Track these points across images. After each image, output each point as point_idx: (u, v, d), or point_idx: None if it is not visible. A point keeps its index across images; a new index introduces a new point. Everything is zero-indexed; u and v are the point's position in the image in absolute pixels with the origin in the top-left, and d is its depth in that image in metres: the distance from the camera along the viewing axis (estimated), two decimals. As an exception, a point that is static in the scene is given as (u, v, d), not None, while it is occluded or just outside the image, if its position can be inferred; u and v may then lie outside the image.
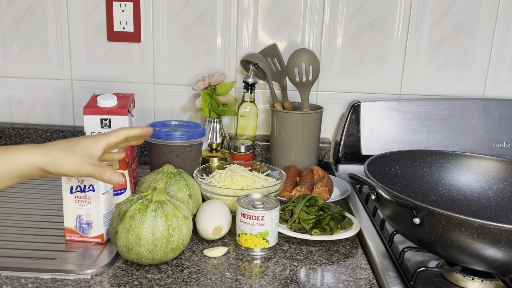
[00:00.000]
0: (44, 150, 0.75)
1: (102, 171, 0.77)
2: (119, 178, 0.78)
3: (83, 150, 0.78)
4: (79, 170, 0.76)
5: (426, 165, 1.07)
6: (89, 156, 0.78)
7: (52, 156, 0.75)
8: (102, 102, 1.04)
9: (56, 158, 0.75)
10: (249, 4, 1.35)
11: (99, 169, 0.77)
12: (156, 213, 0.83)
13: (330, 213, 1.00)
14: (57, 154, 0.75)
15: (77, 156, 0.77)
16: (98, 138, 0.81)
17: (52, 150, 0.76)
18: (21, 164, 0.74)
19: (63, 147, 0.77)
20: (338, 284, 0.84)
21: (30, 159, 0.74)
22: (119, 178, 0.78)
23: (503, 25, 1.35)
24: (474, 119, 1.34)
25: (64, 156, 0.76)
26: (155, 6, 1.36)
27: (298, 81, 1.27)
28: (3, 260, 0.86)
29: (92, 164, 0.77)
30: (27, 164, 0.74)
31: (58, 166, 0.75)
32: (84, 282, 0.81)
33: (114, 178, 0.78)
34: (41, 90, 1.43)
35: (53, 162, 0.75)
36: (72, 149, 0.77)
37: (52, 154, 0.75)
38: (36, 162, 0.74)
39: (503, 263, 0.75)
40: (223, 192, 1.03)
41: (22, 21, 1.38)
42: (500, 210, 1.01)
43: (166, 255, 0.84)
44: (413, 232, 0.83)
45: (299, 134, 1.27)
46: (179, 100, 1.43)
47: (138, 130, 0.86)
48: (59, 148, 0.76)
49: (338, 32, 1.37)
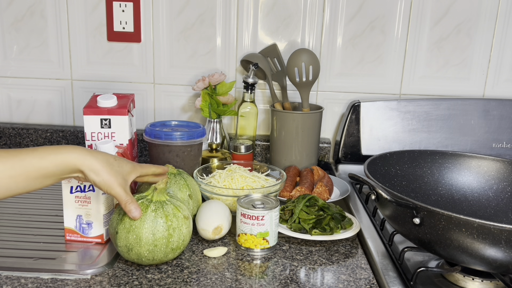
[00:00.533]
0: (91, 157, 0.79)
1: (128, 201, 0.82)
2: (138, 214, 0.82)
3: (122, 172, 0.82)
4: (111, 188, 0.80)
5: (426, 165, 1.07)
6: (124, 180, 0.82)
7: (98, 166, 0.79)
8: (102, 102, 1.04)
9: (100, 169, 0.79)
10: (249, 4, 1.35)
11: (127, 198, 0.82)
12: (157, 213, 0.83)
13: (330, 213, 1.00)
14: (103, 166, 0.79)
15: (117, 175, 0.81)
16: (136, 167, 0.86)
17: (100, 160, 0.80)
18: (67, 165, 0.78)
19: (109, 162, 0.81)
20: (338, 284, 0.84)
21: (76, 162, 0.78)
22: (138, 215, 0.82)
23: (503, 25, 1.35)
24: (474, 119, 1.34)
25: (107, 170, 0.80)
26: (155, 6, 1.36)
27: (298, 81, 1.27)
28: (3, 260, 0.86)
29: (124, 189, 0.81)
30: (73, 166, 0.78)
31: (98, 176, 0.79)
32: (84, 282, 0.81)
33: (135, 213, 0.82)
34: (41, 90, 1.43)
35: (96, 171, 0.79)
36: (116, 168, 0.81)
37: (98, 164, 0.79)
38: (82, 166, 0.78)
39: (503, 263, 0.75)
40: (223, 192, 1.03)
41: (22, 21, 1.38)
42: (500, 210, 1.01)
43: (166, 255, 0.84)
44: (413, 232, 0.83)
45: (299, 134, 1.27)
46: (179, 100, 1.43)
47: (164, 168, 0.92)
48: (106, 161, 0.81)
49: (338, 32, 1.37)
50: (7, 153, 0.75)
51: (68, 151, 0.78)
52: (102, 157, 0.80)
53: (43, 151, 0.77)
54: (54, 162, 0.77)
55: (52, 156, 0.77)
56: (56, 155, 0.77)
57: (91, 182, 0.80)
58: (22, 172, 0.75)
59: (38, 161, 0.76)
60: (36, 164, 0.76)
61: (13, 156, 0.75)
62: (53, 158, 0.76)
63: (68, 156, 0.77)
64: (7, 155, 0.75)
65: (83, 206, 0.91)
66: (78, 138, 1.41)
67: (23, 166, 0.75)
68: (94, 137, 1.05)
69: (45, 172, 0.76)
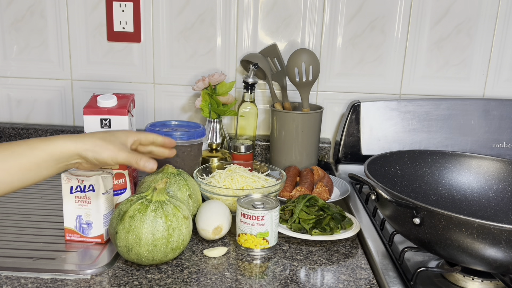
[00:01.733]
0: (82, 139, 0.79)
1: (138, 158, 0.82)
2: (153, 165, 0.82)
3: (118, 139, 0.82)
4: (116, 157, 0.80)
5: (426, 165, 1.07)
6: (123, 145, 0.82)
7: (91, 144, 0.79)
8: (102, 102, 1.04)
9: (95, 145, 0.79)
10: (249, 4, 1.35)
11: (135, 156, 0.82)
12: (156, 213, 0.83)
13: (330, 213, 1.00)
14: (95, 142, 0.79)
15: (115, 144, 0.81)
16: (129, 132, 0.87)
17: (90, 138, 0.80)
18: (61, 150, 0.77)
19: (100, 137, 0.81)
20: (338, 284, 0.84)
21: (70, 146, 0.77)
22: (154, 165, 0.82)
23: (503, 25, 1.35)
24: (474, 119, 1.34)
25: (102, 144, 0.80)
26: (155, 6, 1.36)
27: (298, 81, 1.27)
28: (3, 260, 0.86)
29: (128, 151, 0.81)
30: (67, 151, 0.77)
31: (96, 153, 0.79)
32: (84, 282, 0.81)
33: (149, 165, 0.82)
34: (41, 90, 1.43)
35: (92, 149, 0.78)
36: (109, 138, 0.81)
37: (90, 142, 0.79)
38: (76, 149, 0.78)
39: (503, 263, 0.75)
40: (223, 192, 1.03)
41: (22, 21, 1.38)
42: (500, 210, 1.01)
43: (166, 255, 0.84)
44: (413, 232, 0.83)
45: (299, 134, 1.27)
46: (179, 100, 1.43)
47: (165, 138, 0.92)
48: (97, 137, 0.80)
49: (338, 32, 1.37)
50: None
51: (60, 139, 0.78)
52: (93, 135, 0.81)
53: (34, 141, 0.76)
54: (47, 151, 0.76)
55: (43, 145, 0.76)
56: (48, 144, 0.76)
57: (93, 161, 0.80)
58: (14, 163, 0.74)
59: (30, 150, 0.75)
60: (28, 154, 0.75)
61: (4, 148, 0.75)
62: (45, 147, 0.76)
63: (60, 144, 0.77)
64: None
65: (83, 206, 0.91)
66: (78, 138, 1.41)
67: (14, 157, 0.74)
68: (94, 137, 1.05)
69: (39, 161, 0.75)
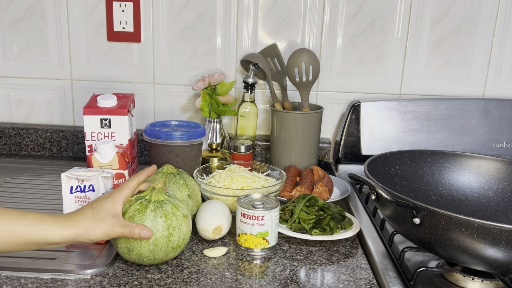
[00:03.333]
0: (75, 223, 0.79)
1: (132, 230, 0.81)
2: (148, 232, 0.81)
3: (108, 214, 0.81)
4: (110, 234, 0.80)
5: (426, 165, 1.07)
6: (115, 218, 0.81)
7: (83, 228, 0.78)
8: (102, 102, 1.05)
9: (87, 228, 0.79)
10: (249, 4, 1.35)
11: (128, 229, 0.81)
12: (156, 213, 0.83)
13: (330, 213, 1.00)
14: (88, 224, 0.79)
15: (105, 221, 0.80)
16: (116, 196, 0.84)
17: (81, 221, 0.79)
18: (55, 236, 0.77)
19: (90, 217, 0.80)
20: (338, 284, 0.84)
21: (64, 233, 0.77)
22: (149, 232, 0.81)
23: (503, 25, 1.35)
24: (474, 119, 1.34)
25: (94, 226, 0.79)
26: (155, 6, 1.36)
27: (298, 81, 1.27)
28: (3, 260, 0.85)
29: (120, 226, 0.81)
30: (61, 237, 0.77)
31: (90, 236, 0.79)
32: (84, 282, 0.81)
33: (144, 234, 0.81)
34: (41, 90, 1.43)
35: (85, 233, 0.78)
36: (98, 216, 0.80)
37: (82, 226, 0.79)
38: (70, 235, 0.78)
39: (503, 263, 0.75)
40: (223, 192, 1.03)
41: (22, 21, 1.38)
42: (500, 210, 1.01)
43: (167, 254, 0.84)
44: (413, 232, 0.83)
45: (299, 134, 1.27)
46: (179, 100, 1.43)
47: (146, 172, 0.90)
48: (88, 218, 0.80)
49: (338, 32, 1.37)
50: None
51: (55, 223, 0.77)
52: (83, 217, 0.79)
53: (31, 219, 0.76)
54: (41, 233, 0.76)
55: (39, 225, 0.76)
56: (43, 225, 0.76)
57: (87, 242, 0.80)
58: (6, 235, 0.74)
59: (25, 228, 0.75)
60: (23, 231, 0.75)
61: (1, 216, 0.75)
62: (39, 228, 0.76)
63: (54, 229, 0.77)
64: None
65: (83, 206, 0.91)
66: (78, 138, 1.41)
67: (9, 230, 0.74)
68: (94, 137, 1.05)
69: (30, 240, 0.76)
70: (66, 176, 0.91)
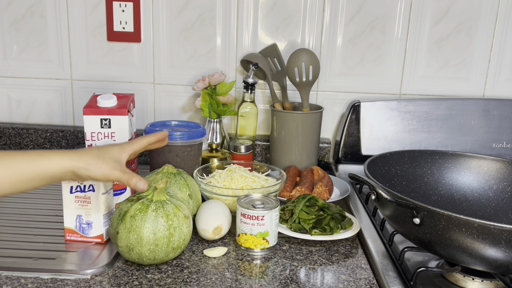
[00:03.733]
0: (77, 156, 0.79)
1: (130, 178, 0.82)
2: (144, 185, 0.83)
3: (112, 157, 0.82)
4: (108, 176, 0.81)
5: (426, 165, 1.07)
6: (117, 163, 0.82)
7: (84, 162, 0.79)
8: (102, 102, 1.04)
9: (88, 163, 0.79)
10: (249, 4, 1.35)
11: (126, 176, 0.82)
12: (157, 213, 0.83)
13: (330, 213, 1.00)
14: (89, 160, 0.79)
15: (108, 162, 0.81)
16: (124, 146, 0.86)
17: (84, 156, 0.80)
18: (55, 167, 0.77)
19: (94, 155, 0.81)
20: (338, 284, 0.84)
21: (64, 164, 0.78)
22: (145, 185, 0.83)
23: (503, 25, 1.35)
24: (474, 119, 1.34)
25: (95, 163, 0.79)
26: (155, 6, 1.36)
27: (298, 81, 1.27)
28: (3, 260, 0.86)
29: (120, 170, 0.81)
30: (61, 168, 0.77)
31: (89, 171, 0.79)
32: (84, 282, 0.81)
33: (140, 185, 0.82)
34: (41, 90, 1.43)
35: (85, 167, 0.79)
36: (102, 156, 0.81)
37: (84, 160, 0.79)
38: (70, 166, 0.78)
39: (503, 263, 0.75)
40: (223, 192, 1.03)
41: (22, 21, 1.38)
42: (500, 210, 1.01)
43: (167, 254, 0.84)
44: (413, 232, 0.83)
45: (299, 134, 1.27)
46: (179, 100, 1.43)
47: (157, 135, 0.93)
48: (91, 155, 0.80)
49: (338, 32, 1.37)
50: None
51: (55, 155, 0.78)
52: (87, 152, 0.81)
53: (30, 156, 0.77)
54: (42, 167, 0.77)
55: (39, 160, 0.77)
56: (44, 159, 0.77)
57: (87, 179, 0.80)
58: (9, 175, 0.75)
59: (27, 165, 0.76)
60: (24, 168, 0.76)
61: (1, 158, 0.75)
62: (40, 163, 0.77)
63: (56, 161, 0.77)
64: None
65: (83, 206, 0.91)
66: (78, 138, 1.41)
67: (10, 169, 0.75)
68: (94, 137, 1.05)
69: (33, 176, 0.76)
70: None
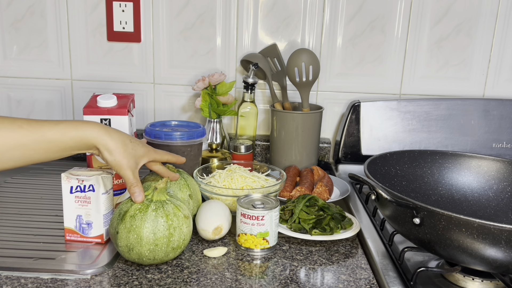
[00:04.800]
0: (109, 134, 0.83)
1: (134, 184, 0.84)
2: (141, 198, 0.84)
3: (135, 155, 0.86)
4: (120, 169, 0.84)
5: (426, 165, 1.07)
6: (135, 163, 0.86)
7: (113, 144, 0.83)
8: (102, 102, 1.04)
9: (116, 148, 0.83)
10: (249, 4, 1.35)
11: (133, 181, 0.85)
12: (157, 212, 0.83)
13: (330, 213, 1.00)
14: (117, 145, 0.83)
15: (128, 158, 0.84)
16: (150, 151, 0.89)
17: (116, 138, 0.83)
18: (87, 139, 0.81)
19: (125, 143, 0.84)
20: (338, 284, 0.84)
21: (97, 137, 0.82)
22: (141, 199, 0.84)
23: (503, 25, 1.35)
24: (474, 119, 1.34)
25: (121, 152, 0.83)
26: (155, 6, 1.36)
27: (298, 81, 1.27)
28: (3, 260, 0.85)
29: (132, 172, 0.84)
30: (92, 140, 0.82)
31: (112, 155, 0.83)
32: (84, 282, 0.81)
33: (138, 196, 0.84)
34: (41, 90, 1.43)
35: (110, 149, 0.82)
36: (129, 149, 0.84)
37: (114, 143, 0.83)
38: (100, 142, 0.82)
39: (503, 263, 0.75)
40: (223, 192, 1.03)
41: (22, 21, 1.38)
42: (500, 210, 1.01)
43: (167, 254, 0.84)
44: (413, 232, 0.83)
45: (299, 134, 1.27)
46: (179, 100, 1.43)
47: (179, 158, 0.97)
48: (122, 142, 0.84)
49: (338, 32, 1.37)
50: (30, 126, 0.78)
51: (88, 127, 0.81)
52: (118, 137, 0.84)
53: (64, 127, 0.80)
54: (75, 139, 0.80)
55: (73, 132, 0.80)
56: (77, 131, 0.81)
57: (104, 159, 0.83)
58: (44, 146, 0.79)
59: (60, 136, 0.80)
60: (58, 140, 0.80)
61: (36, 130, 0.79)
62: (73, 135, 0.80)
63: (87, 133, 0.81)
64: (30, 129, 0.78)
65: (83, 206, 0.91)
66: (78, 138, 1.41)
67: (45, 141, 0.79)
68: (94, 137, 1.05)
69: (65, 147, 0.81)
70: (66, 176, 0.91)
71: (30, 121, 0.79)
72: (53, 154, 0.81)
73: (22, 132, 0.77)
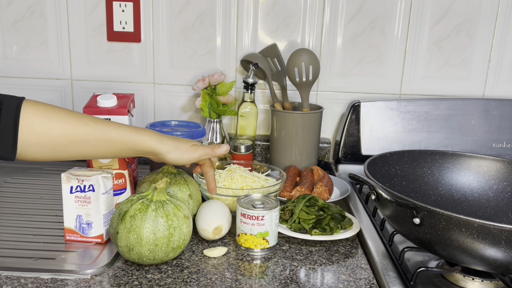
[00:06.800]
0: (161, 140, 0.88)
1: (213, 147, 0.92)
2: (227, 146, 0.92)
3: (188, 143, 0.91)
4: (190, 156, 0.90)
5: (426, 165, 1.07)
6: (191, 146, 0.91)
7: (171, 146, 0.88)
8: (102, 102, 1.04)
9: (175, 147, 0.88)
10: (249, 4, 1.35)
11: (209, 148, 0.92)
12: (157, 213, 0.83)
13: (330, 213, 1.00)
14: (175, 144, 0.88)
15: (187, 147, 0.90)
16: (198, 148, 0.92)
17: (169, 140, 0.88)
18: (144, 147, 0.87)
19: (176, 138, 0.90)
20: (338, 284, 0.84)
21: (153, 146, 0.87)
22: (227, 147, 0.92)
23: (503, 25, 1.35)
24: (474, 119, 1.34)
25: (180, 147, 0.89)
26: (155, 6, 1.36)
27: (298, 81, 1.27)
28: (3, 260, 0.85)
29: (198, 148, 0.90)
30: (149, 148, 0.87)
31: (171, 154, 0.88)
32: (84, 282, 0.81)
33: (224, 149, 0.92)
34: (41, 90, 1.43)
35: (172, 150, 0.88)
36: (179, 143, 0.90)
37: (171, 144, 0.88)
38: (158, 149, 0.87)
39: (503, 263, 0.75)
40: (223, 192, 1.03)
41: (22, 21, 1.38)
42: (500, 210, 1.01)
43: (167, 254, 0.84)
44: (413, 232, 0.83)
45: (299, 134, 1.27)
46: (179, 100, 1.43)
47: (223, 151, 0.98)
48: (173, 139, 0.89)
49: (338, 32, 1.37)
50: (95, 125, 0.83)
51: (146, 136, 0.87)
52: (169, 137, 0.89)
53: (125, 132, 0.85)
54: (133, 144, 0.86)
55: (133, 136, 0.86)
56: (137, 136, 0.86)
57: (168, 161, 0.88)
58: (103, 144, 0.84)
59: (120, 138, 0.85)
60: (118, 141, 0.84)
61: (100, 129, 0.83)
62: (133, 140, 0.85)
63: (147, 142, 0.86)
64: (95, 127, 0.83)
65: (83, 206, 0.91)
66: (78, 138, 1.41)
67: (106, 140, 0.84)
68: (94, 137, 1.05)
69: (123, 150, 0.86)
70: (66, 176, 0.91)
71: (96, 119, 0.84)
72: (109, 154, 0.86)
73: (87, 129, 0.82)
